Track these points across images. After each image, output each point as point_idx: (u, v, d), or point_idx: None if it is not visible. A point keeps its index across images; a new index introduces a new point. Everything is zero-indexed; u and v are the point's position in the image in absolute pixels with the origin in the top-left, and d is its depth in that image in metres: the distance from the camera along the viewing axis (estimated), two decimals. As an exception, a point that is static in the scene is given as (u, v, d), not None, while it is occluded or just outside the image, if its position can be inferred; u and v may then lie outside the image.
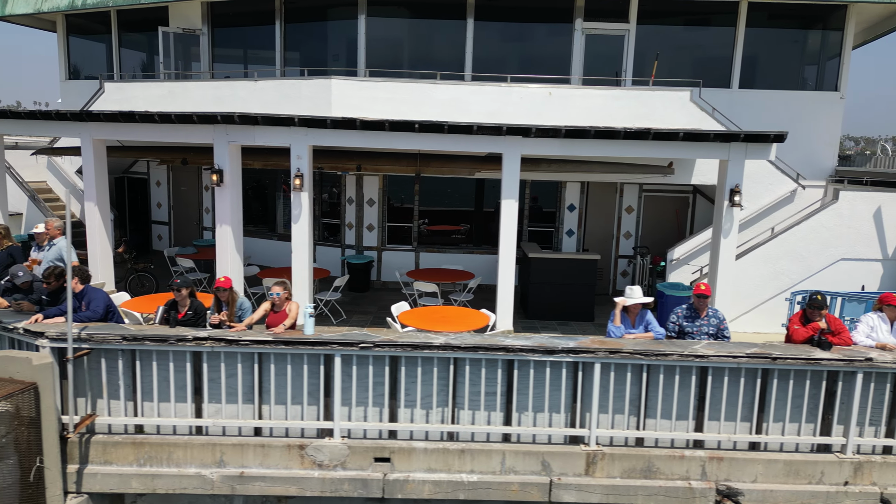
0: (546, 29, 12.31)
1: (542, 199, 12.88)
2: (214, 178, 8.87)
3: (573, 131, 8.24)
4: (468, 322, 7.80)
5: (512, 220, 8.79)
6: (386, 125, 8.24)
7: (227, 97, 12.03)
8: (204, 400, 5.66)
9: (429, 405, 5.69)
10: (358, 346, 5.52)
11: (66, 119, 9.83)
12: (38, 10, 14.28)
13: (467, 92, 10.92)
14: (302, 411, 5.75)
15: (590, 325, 10.43)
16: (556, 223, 12.62)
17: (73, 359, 5.24)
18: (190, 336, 5.49)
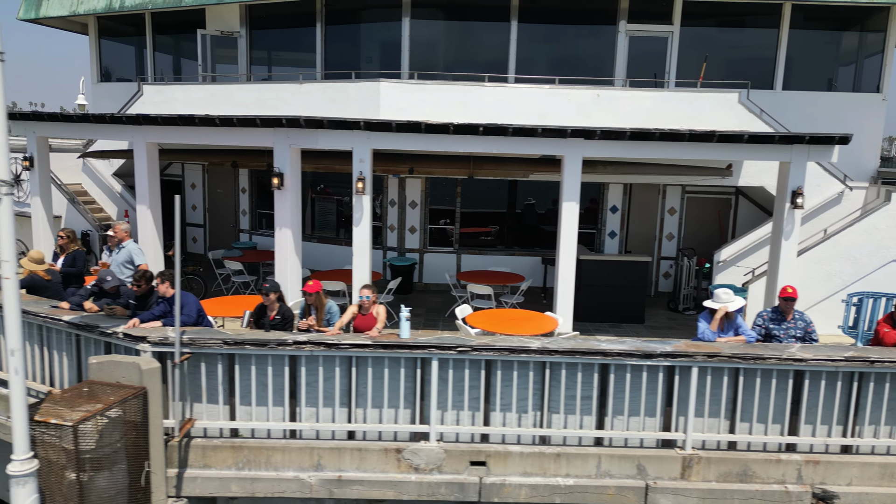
0: (589, 31, 12.35)
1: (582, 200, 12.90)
2: (276, 182, 8.88)
3: (637, 133, 8.27)
4: (536, 325, 7.83)
5: (573, 223, 8.82)
6: (451, 128, 8.26)
7: (270, 100, 12.05)
8: (301, 403, 5.68)
9: (524, 409, 5.70)
10: (455, 349, 5.54)
11: (121, 122, 9.84)
12: (73, 13, 14.29)
13: (516, 94, 10.94)
14: (396, 415, 5.76)
15: (641, 328, 10.46)
16: (598, 225, 12.65)
17: (179, 363, 5.26)
18: (290, 340, 5.50)
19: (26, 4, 14.87)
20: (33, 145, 11.20)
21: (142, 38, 15.31)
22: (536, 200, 13.22)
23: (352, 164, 8.59)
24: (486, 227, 13.34)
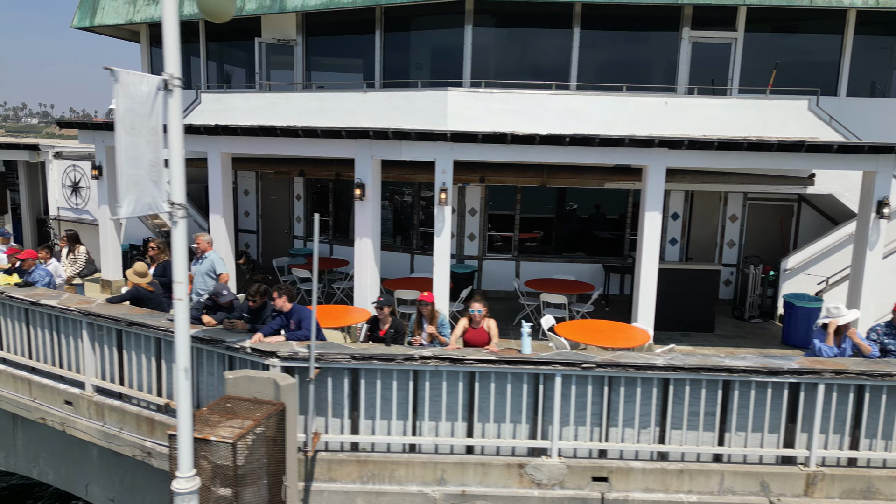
0: (651, 37, 12.30)
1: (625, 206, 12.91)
2: (358, 193, 8.93)
3: (725, 143, 8.25)
4: (627, 337, 7.82)
5: (655, 234, 8.81)
6: (537, 139, 8.28)
7: (333, 108, 12.10)
8: (424, 418, 5.71)
9: (645, 424, 5.71)
10: (580, 366, 5.55)
11: (198, 133, 9.94)
12: (129, 21, 14.43)
13: (583, 102, 10.93)
14: (514, 429, 5.79)
15: (711, 336, 10.41)
16: (658, 232, 12.60)
17: (313, 379, 5.31)
18: (416, 356, 5.54)
19: (80, 13, 15.03)
20: (102, 155, 11.34)
21: (191, 45, 15.43)
22: (578, 205, 13.19)
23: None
24: (544, 233, 13.29)
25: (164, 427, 6.31)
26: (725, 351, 9.71)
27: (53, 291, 7.35)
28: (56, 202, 14.11)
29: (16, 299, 7.13)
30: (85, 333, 6.69)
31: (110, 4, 14.53)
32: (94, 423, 6.73)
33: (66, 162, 13.86)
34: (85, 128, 11.17)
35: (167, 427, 6.31)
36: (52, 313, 6.95)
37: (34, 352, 7.30)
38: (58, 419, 6.97)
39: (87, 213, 13.79)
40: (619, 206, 13.08)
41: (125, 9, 14.35)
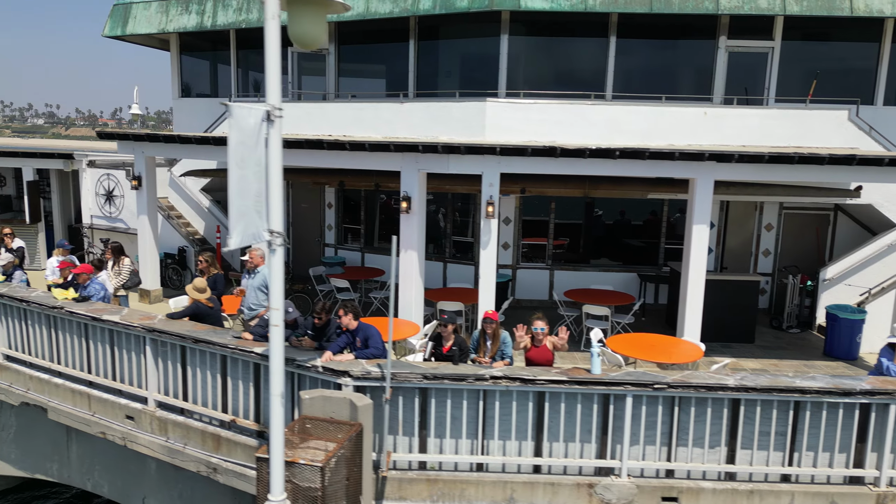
0: (688, 46, 12.26)
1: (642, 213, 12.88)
2: (404, 206, 8.97)
3: (776, 157, 8.23)
4: (680, 353, 7.82)
5: (702, 246, 8.80)
6: (587, 153, 8.29)
7: (369, 118, 12.14)
8: (494, 437, 5.74)
9: (715, 444, 5.71)
10: (652, 386, 5.56)
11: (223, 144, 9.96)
12: (162, 30, 14.51)
13: (622, 112, 10.92)
14: (582, 449, 5.80)
15: (752, 347, 10.39)
16: (693, 241, 12.58)
17: (389, 399, 5.35)
18: (487, 375, 5.56)
19: (111, 22, 15.13)
20: (141, 165, 11.43)
21: (218, 52, 15.50)
22: (603, 211, 13.16)
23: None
24: (571, 240, 13.26)
25: (230, 444, 6.36)
26: (769, 363, 9.71)
27: (112, 307, 7.42)
28: (89, 210, 14.22)
29: (76, 314, 7.20)
30: (148, 349, 6.75)
31: (142, 14, 14.62)
32: (156, 438, 6.78)
33: (100, 171, 13.97)
34: (126, 139, 11.25)
35: (233, 444, 6.37)
36: (113, 329, 7.02)
37: (92, 366, 7.37)
38: (119, 433, 7.03)
39: (122, 221, 13.89)
40: (643, 212, 13.04)
41: (157, 18, 14.43)
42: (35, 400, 7.75)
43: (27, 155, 13.94)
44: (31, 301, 7.62)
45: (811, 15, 11.09)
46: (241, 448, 6.29)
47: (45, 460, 8.35)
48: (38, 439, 8.34)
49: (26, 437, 8.50)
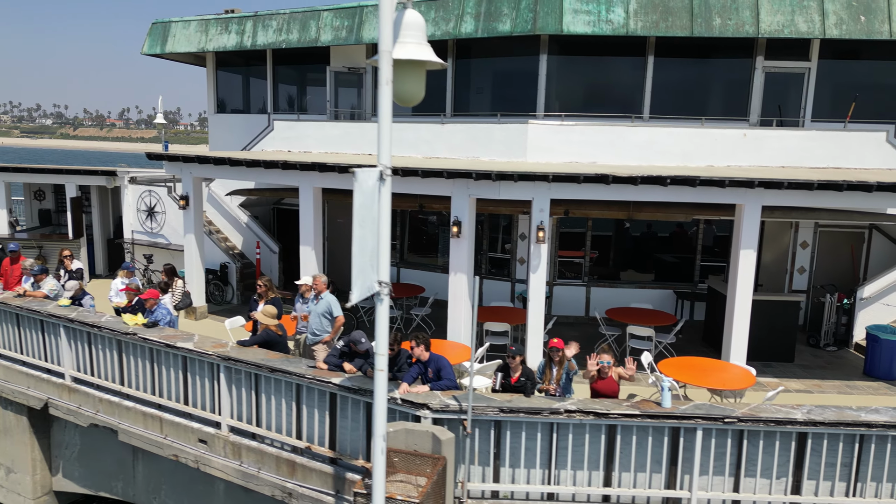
0: (725, 65, 12.34)
1: (711, 233, 13.00)
2: (454, 230, 9.17)
3: (825, 184, 8.36)
4: (732, 378, 7.98)
5: (749, 271, 8.96)
6: (638, 180, 8.46)
7: (409, 139, 12.38)
8: (567, 466, 5.93)
9: (782, 474, 5.88)
10: (722, 420, 5.74)
11: (294, 168, 10.22)
12: (201, 49, 14.79)
13: (662, 134, 11.10)
14: (650, 479, 5.98)
15: (792, 366, 10.51)
16: (729, 258, 12.72)
17: (469, 433, 5.55)
18: (562, 409, 5.75)
19: (150, 40, 15.43)
20: (189, 186, 11.69)
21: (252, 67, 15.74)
22: (630, 224, 13.30)
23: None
24: (600, 252, 13.35)
25: (304, 469, 6.58)
26: (812, 384, 9.84)
27: (184, 333, 7.65)
28: (130, 226, 14.51)
29: (150, 341, 7.45)
30: (223, 376, 6.99)
31: (182, 33, 14.90)
32: (230, 462, 7.02)
33: (142, 187, 14.26)
34: (175, 160, 11.51)
35: (308, 469, 6.59)
36: (186, 355, 7.26)
37: (164, 390, 7.62)
38: (192, 456, 7.27)
39: (162, 236, 14.19)
40: (669, 224, 13.17)
41: (197, 37, 14.71)
42: (105, 422, 8.02)
43: (71, 172, 14.25)
44: (102, 326, 7.88)
45: (850, 38, 11.20)
46: (317, 474, 6.51)
47: (109, 479, 8.62)
48: (103, 458, 8.60)
49: (90, 457, 8.77)
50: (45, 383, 8.60)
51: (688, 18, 10.94)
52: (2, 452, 9.24)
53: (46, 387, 8.58)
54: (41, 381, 8.64)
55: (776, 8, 10.90)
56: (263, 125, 15.37)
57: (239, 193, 13.83)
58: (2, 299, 8.88)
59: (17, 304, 8.67)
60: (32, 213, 16.11)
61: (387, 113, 4.13)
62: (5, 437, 9.13)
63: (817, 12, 10.83)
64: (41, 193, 16.32)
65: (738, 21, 10.90)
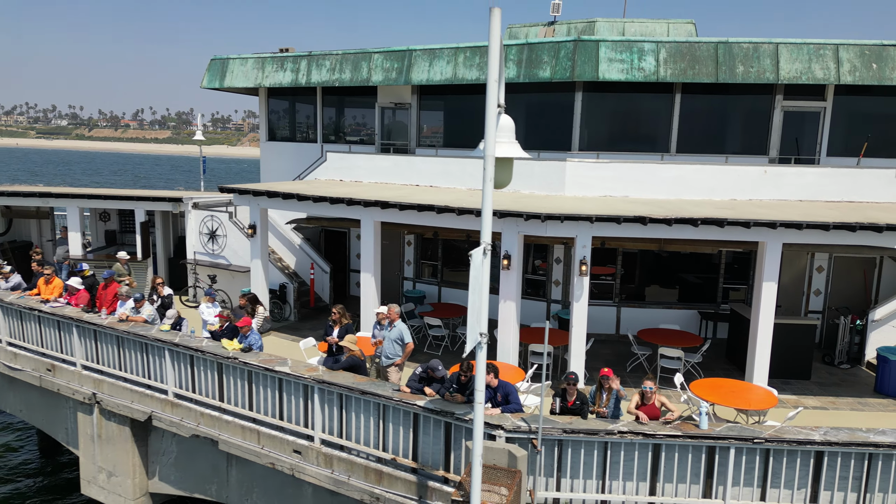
0: (746, 104, 13.29)
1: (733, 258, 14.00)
2: (505, 263, 10.28)
3: (839, 225, 9.36)
4: (757, 399, 8.99)
5: (771, 301, 9.99)
6: (671, 222, 9.52)
7: (455, 172, 13.50)
8: (619, 477, 7.01)
9: (802, 485, 6.92)
10: (751, 440, 6.80)
11: (357, 204, 11.35)
12: (258, 85, 16.02)
13: (689, 171, 12.13)
14: (688, 490, 7.05)
15: (809, 384, 11.49)
16: (749, 281, 13.73)
17: (539, 450, 6.67)
18: (616, 430, 6.85)
19: (209, 76, 16.69)
20: (256, 216, 12.90)
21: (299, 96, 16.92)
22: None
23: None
24: (629, 272, 14.36)
25: (390, 478, 7.71)
26: (828, 400, 10.82)
27: (278, 357, 8.83)
28: (193, 247, 15.77)
29: (249, 364, 8.64)
30: (316, 397, 8.16)
31: (239, 69, 16.14)
32: (323, 471, 8.18)
33: (204, 212, 15.51)
34: (245, 193, 12.71)
35: (393, 478, 7.73)
36: (283, 378, 8.44)
37: (259, 406, 8.80)
38: (287, 465, 8.44)
39: (223, 258, 15.42)
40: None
41: (254, 74, 15.94)
42: (206, 433, 9.22)
43: (141, 199, 15.54)
44: (204, 350, 9.08)
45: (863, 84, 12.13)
46: (401, 482, 7.65)
47: (204, 482, 9.82)
48: (199, 464, 9.81)
49: (186, 463, 9.99)
50: (148, 398, 9.83)
51: (713, 66, 11.97)
52: (104, 458, 10.48)
53: (150, 401, 9.81)
54: (144, 397, 9.87)
55: (794, 56, 11.91)
56: (311, 152, 16.62)
57: (296, 222, 15.06)
58: (108, 324, 10.12)
59: (125, 329, 9.91)
60: (98, 233, 17.45)
61: (489, 205, 5.25)
62: (108, 444, 10.37)
63: (832, 60, 11.82)
64: (106, 215, 17.65)
65: (760, 69, 11.92)
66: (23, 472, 13.76)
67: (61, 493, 12.88)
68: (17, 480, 13.57)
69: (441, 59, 13.65)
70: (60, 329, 10.88)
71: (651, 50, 12.09)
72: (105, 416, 10.30)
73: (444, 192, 12.81)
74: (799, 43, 12.05)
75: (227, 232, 15.24)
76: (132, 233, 17.72)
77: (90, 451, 10.60)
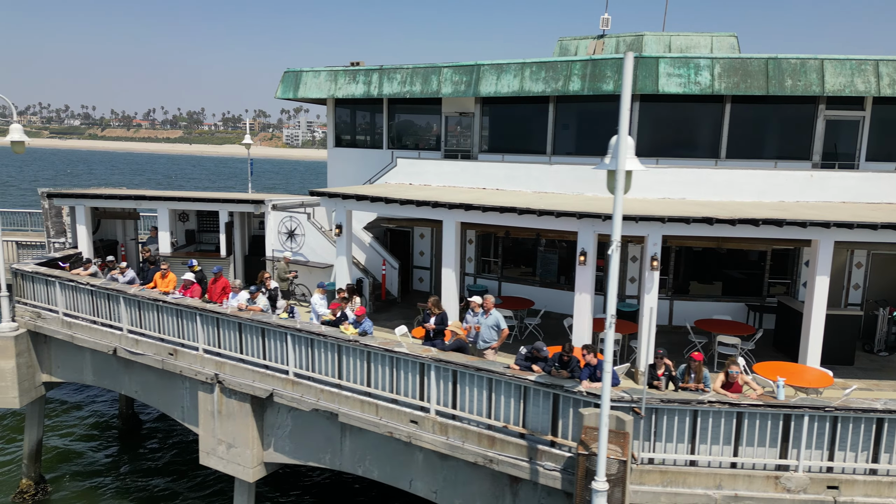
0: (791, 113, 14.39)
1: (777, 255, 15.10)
2: (581, 259, 11.49)
3: (886, 224, 10.48)
4: (815, 379, 10.15)
5: (824, 293, 11.13)
6: (735, 222, 10.68)
7: (520, 176, 14.73)
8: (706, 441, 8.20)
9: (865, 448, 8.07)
10: (823, 409, 7.97)
11: (441, 206, 12.59)
12: (331, 96, 17.32)
13: (740, 175, 13.27)
14: (766, 452, 8.23)
15: (853, 368, 12.61)
16: (793, 276, 14.84)
17: (643, 416, 7.88)
18: (706, 400, 8.04)
19: (283, 87, 18.01)
20: (342, 217, 14.17)
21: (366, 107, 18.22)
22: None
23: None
24: (676, 265, 15.46)
25: (502, 442, 8.95)
26: (872, 383, 11.93)
27: (394, 340, 10.09)
28: (271, 245, 17.09)
29: (370, 346, 9.91)
30: (432, 373, 9.41)
31: (312, 81, 17.45)
32: (438, 437, 9.43)
33: (283, 213, 16.82)
34: (334, 196, 13.99)
35: (505, 443, 8.95)
36: (401, 357, 9.70)
37: (375, 382, 10.06)
38: (404, 433, 9.70)
39: (302, 255, 16.73)
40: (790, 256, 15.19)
41: (327, 86, 17.24)
42: (326, 407, 10.49)
43: (225, 201, 16.88)
44: (326, 335, 10.37)
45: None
46: (513, 446, 8.89)
47: (318, 452, 11.11)
48: (313, 436, 11.10)
49: (301, 434, 11.28)
50: (269, 377, 11.13)
51: (764, 80, 13.11)
52: (224, 432, 11.80)
53: (271, 380, 11.11)
54: (266, 376, 11.17)
55: (838, 71, 13.02)
56: (376, 158, 17.92)
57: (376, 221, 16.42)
58: (231, 312, 11.44)
59: (248, 317, 11.22)
60: (178, 233, 18.83)
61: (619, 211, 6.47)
62: (228, 419, 11.69)
63: (873, 75, 12.91)
64: (185, 215, 19.03)
65: (807, 82, 13.05)
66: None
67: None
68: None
69: (508, 73, 14.87)
70: (181, 317, 12.22)
71: (706, 65, 13.25)
72: (226, 394, 11.62)
73: (510, 195, 14.03)
74: (842, 59, 13.15)
75: (306, 231, 16.55)
76: (209, 232, 19.11)
77: (210, 425, 11.93)
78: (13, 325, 14.18)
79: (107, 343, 13.14)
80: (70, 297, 13.84)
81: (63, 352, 14.47)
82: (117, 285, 12.99)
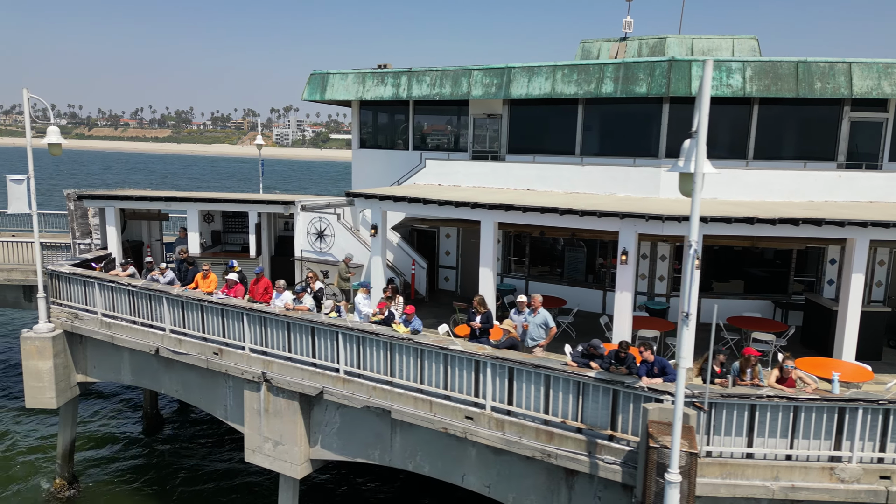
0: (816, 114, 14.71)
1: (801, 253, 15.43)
2: (623, 258, 11.74)
3: (922, 225, 10.82)
4: (855, 373, 10.47)
5: (859, 290, 11.44)
6: (775, 221, 10.96)
7: (551, 177, 14.96)
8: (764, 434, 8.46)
9: (915, 441, 8.38)
10: (876, 402, 8.25)
11: (479, 207, 12.79)
12: (358, 98, 17.46)
13: (772, 176, 13.58)
14: (821, 444, 8.50)
15: (881, 364, 12.91)
16: (818, 274, 15.18)
17: (706, 410, 8.12)
18: (764, 395, 8.31)
19: (310, 89, 18.12)
20: (378, 217, 14.33)
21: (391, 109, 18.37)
22: None
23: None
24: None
25: (560, 437, 9.17)
26: (903, 379, 12.29)
27: (447, 338, 10.28)
28: (300, 245, 17.22)
29: (424, 344, 10.10)
30: (489, 370, 9.62)
31: (339, 83, 17.59)
32: (494, 433, 9.63)
33: (312, 214, 16.95)
34: (370, 198, 14.15)
35: (563, 437, 9.18)
36: (455, 355, 9.90)
37: (428, 379, 10.25)
38: (459, 429, 9.89)
39: (331, 255, 16.88)
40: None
41: (354, 88, 17.38)
42: (378, 404, 10.67)
43: (255, 202, 16.99)
44: (378, 333, 10.55)
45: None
46: (571, 440, 9.11)
47: (367, 448, 11.28)
48: (362, 432, 11.27)
49: (349, 431, 11.44)
50: (319, 375, 11.29)
51: (794, 83, 13.42)
52: (271, 429, 11.94)
53: (320, 378, 11.27)
54: (315, 374, 11.33)
55: (865, 74, 13.35)
56: (402, 159, 18.08)
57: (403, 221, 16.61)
58: (279, 312, 11.58)
59: (297, 317, 11.37)
60: (205, 233, 18.90)
61: (696, 212, 6.72)
62: (276, 417, 11.83)
63: (901, 77, 13.26)
64: (210, 216, 19.11)
65: (835, 85, 13.38)
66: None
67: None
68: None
69: (539, 75, 15.09)
70: (226, 317, 12.35)
71: (738, 68, 13.54)
72: (273, 393, 11.76)
73: (543, 195, 14.26)
74: (869, 62, 13.49)
75: (336, 232, 16.70)
76: (235, 233, 19.21)
77: (256, 423, 12.06)
78: (50, 326, 14.24)
79: (148, 343, 13.23)
80: (108, 298, 13.92)
81: (100, 352, 14.54)
82: (159, 286, 13.09)
